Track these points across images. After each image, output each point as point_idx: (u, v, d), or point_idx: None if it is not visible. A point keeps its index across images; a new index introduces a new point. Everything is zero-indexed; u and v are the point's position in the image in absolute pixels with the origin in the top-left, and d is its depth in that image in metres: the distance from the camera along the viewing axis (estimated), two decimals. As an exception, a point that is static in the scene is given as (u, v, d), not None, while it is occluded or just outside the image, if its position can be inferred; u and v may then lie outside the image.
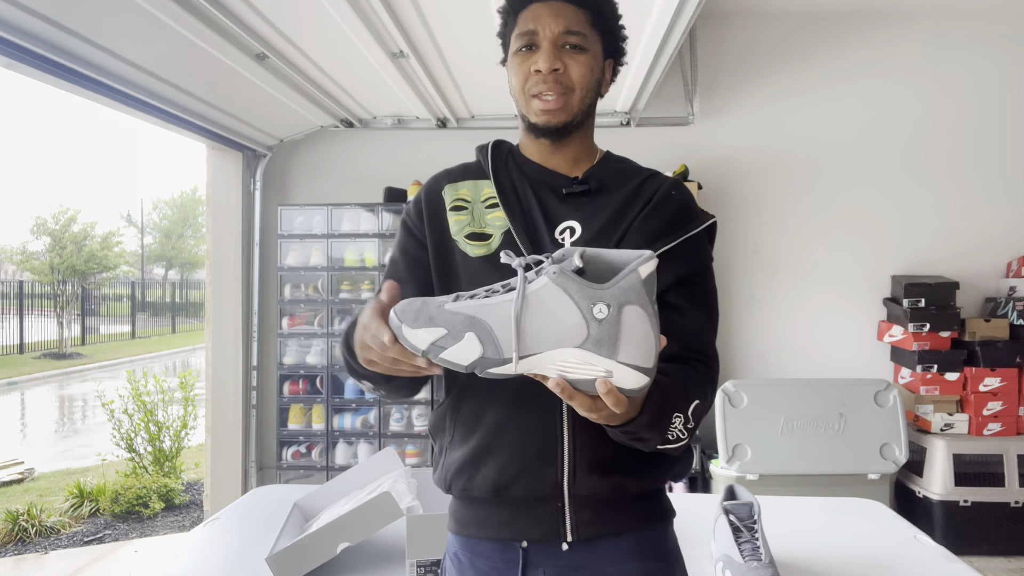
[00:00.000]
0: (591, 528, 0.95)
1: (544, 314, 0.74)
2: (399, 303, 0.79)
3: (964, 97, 3.76)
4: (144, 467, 4.83)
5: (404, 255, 1.08)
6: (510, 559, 0.97)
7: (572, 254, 0.76)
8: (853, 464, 3.17)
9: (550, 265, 0.75)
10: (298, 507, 1.76)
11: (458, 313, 0.76)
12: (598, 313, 0.73)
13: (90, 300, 17.76)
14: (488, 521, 0.98)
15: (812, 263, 3.82)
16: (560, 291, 0.74)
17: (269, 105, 3.30)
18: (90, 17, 2.18)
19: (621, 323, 0.73)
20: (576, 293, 0.73)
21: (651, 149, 3.78)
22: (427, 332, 0.75)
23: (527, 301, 0.74)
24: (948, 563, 1.52)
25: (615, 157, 1.10)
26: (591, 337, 0.73)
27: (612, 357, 0.73)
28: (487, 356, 0.74)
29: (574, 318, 0.73)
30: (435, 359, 0.76)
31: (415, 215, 1.07)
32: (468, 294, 0.78)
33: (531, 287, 0.75)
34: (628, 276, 0.74)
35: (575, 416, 0.93)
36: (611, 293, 0.73)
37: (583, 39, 1.00)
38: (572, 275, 0.74)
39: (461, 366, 0.75)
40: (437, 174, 1.10)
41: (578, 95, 1.00)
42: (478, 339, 0.74)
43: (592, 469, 0.94)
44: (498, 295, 0.76)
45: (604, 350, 0.73)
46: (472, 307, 0.76)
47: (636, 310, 0.73)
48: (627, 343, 0.73)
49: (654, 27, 2.45)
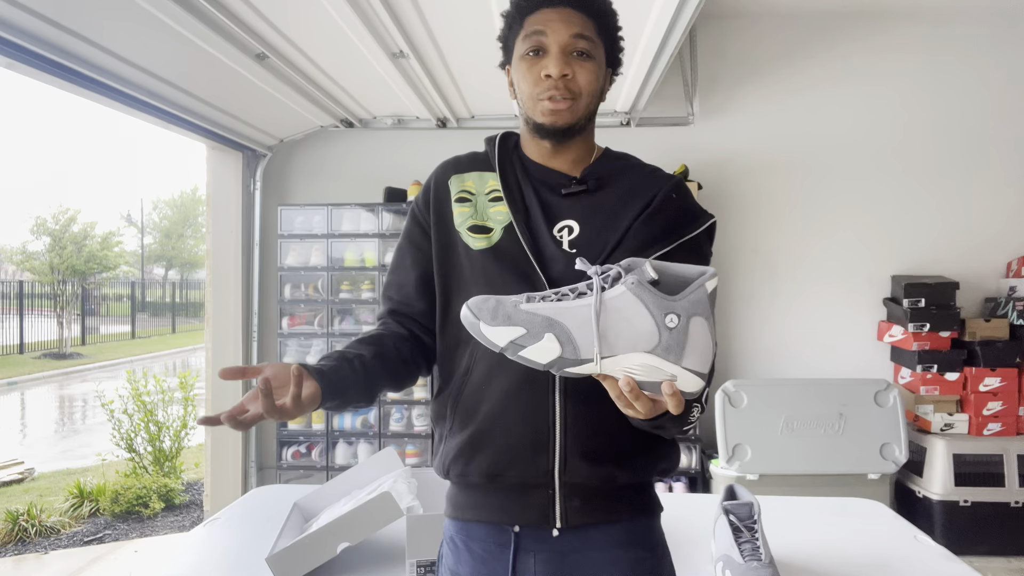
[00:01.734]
0: (580, 515, 0.99)
1: (621, 320, 0.80)
2: (472, 299, 0.84)
3: (964, 97, 3.76)
4: (144, 467, 4.83)
5: (409, 243, 1.12)
6: (502, 542, 1.01)
7: (643, 265, 0.82)
8: (853, 464, 3.17)
9: (626, 275, 0.81)
10: (298, 507, 1.76)
11: (535, 314, 0.81)
12: (669, 322, 0.80)
13: (90, 300, 17.75)
14: (482, 505, 1.02)
15: (812, 263, 3.82)
16: (637, 300, 0.80)
17: (269, 105, 3.30)
18: (90, 17, 2.18)
19: (689, 332, 0.80)
20: (651, 303, 0.80)
21: (651, 149, 3.78)
22: (507, 330, 0.81)
23: (605, 306, 0.81)
24: (948, 563, 1.52)
25: (614, 154, 1.12)
26: (662, 343, 0.80)
27: (678, 363, 0.80)
28: (565, 356, 0.80)
29: (648, 325, 0.80)
30: (512, 356, 0.82)
31: (422, 203, 1.11)
32: (538, 296, 0.84)
33: (608, 294, 0.81)
34: (697, 290, 0.81)
35: (568, 407, 0.98)
36: (682, 305, 0.80)
37: (591, 46, 1.02)
38: (648, 286, 0.81)
39: (539, 364, 0.81)
40: (447, 161, 1.13)
41: (584, 101, 1.02)
42: (557, 340, 0.80)
43: (583, 459, 0.97)
44: (569, 300, 0.82)
45: (672, 356, 0.80)
46: (549, 309, 0.82)
47: (701, 321, 0.81)
48: (692, 351, 0.80)
49: (654, 27, 2.45)
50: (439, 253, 1.06)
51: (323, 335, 3.72)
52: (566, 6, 1.01)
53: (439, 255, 1.06)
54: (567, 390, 0.97)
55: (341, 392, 0.94)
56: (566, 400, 0.97)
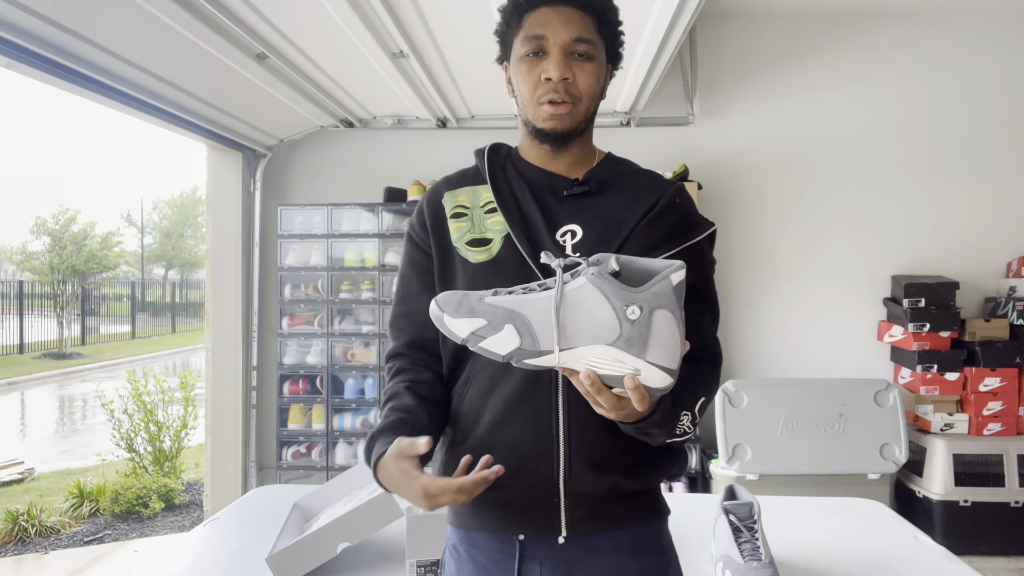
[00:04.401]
0: (586, 524, 0.97)
1: (581, 312, 0.79)
2: (441, 294, 0.84)
3: (964, 97, 3.76)
4: (144, 467, 4.83)
5: (413, 268, 1.09)
6: (507, 551, 0.99)
7: (608, 259, 0.80)
8: (853, 464, 3.17)
9: (588, 267, 0.80)
10: (298, 507, 1.76)
11: (497, 306, 0.81)
12: (631, 314, 0.78)
13: (90, 300, 17.75)
14: (485, 515, 1.00)
15: (812, 263, 3.82)
16: (597, 291, 0.79)
17: (269, 105, 3.30)
18: (90, 17, 2.18)
19: (652, 325, 0.78)
20: (612, 294, 0.79)
21: (651, 149, 3.78)
22: (467, 322, 0.81)
23: (565, 298, 0.80)
24: (948, 563, 1.52)
25: (616, 159, 1.10)
26: (623, 336, 0.78)
27: (641, 356, 0.78)
28: (524, 347, 0.80)
29: (608, 317, 0.78)
30: (473, 347, 0.81)
31: (418, 227, 1.08)
32: (506, 290, 0.83)
33: (569, 286, 0.80)
34: (661, 282, 0.79)
35: (571, 415, 0.95)
36: (644, 296, 0.79)
37: (591, 47, 1.00)
38: (609, 277, 0.79)
39: (499, 355, 0.80)
40: (437, 183, 1.11)
41: (584, 104, 1.01)
42: (516, 331, 0.80)
43: (587, 467, 0.96)
44: (535, 293, 0.81)
45: (634, 349, 0.78)
46: (511, 301, 0.81)
47: (666, 314, 0.79)
48: (656, 344, 0.78)
49: (654, 27, 2.45)
50: (440, 272, 1.04)
51: (323, 335, 3.72)
52: (566, 5, 0.99)
53: (440, 274, 1.04)
54: (570, 397, 0.95)
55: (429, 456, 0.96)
56: (569, 408, 0.95)
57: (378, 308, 3.73)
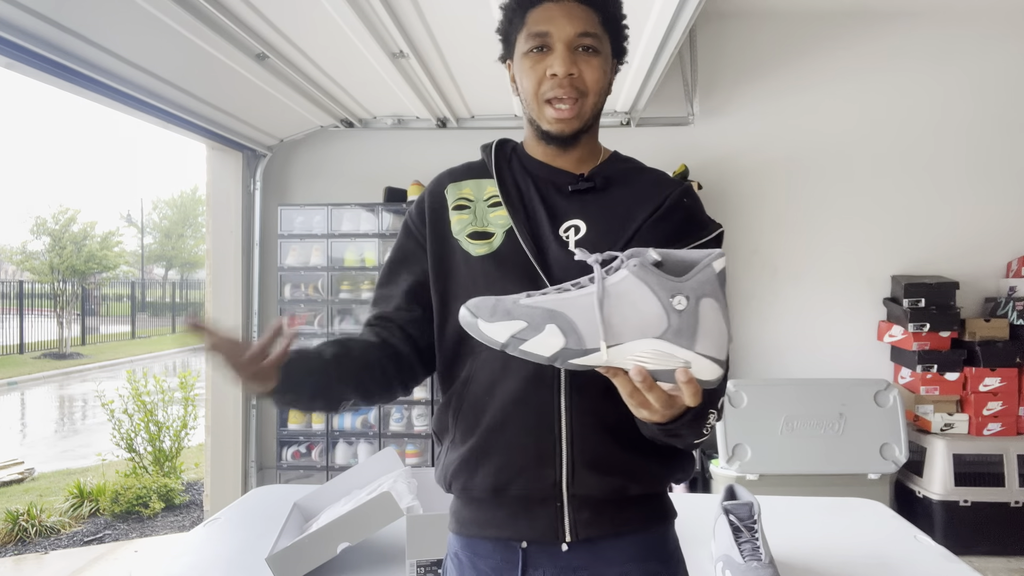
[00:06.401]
0: (590, 528, 0.94)
1: (625, 305, 0.75)
2: (470, 300, 0.80)
3: (964, 97, 3.76)
4: (144, 467, 4.83)
5: (401, 255, 1.08)
6: (510, 560, 0.97)
7: (645, 251, 0.78)
8: (853, 464, 3.17)
9: (628, 260, 0.77)
10: (298, 507, 1.76)
11: (536, 307, 0.77)
12: (677, 304, 0.75)
13: (90, 300, 17.75)
14: (488, 521, 0.98)
15: (812, 263, 3.82)
16: (641, 283, 0.75)
17: (269, 105, 3.30)
18: (90, 17, 2.18)
19: (699, 314, 0.75)
20: (656, 285, 0.75)
21: (651, 149, 3.77)
22: (505, 326, 0.76)
23: (607, 293, 0.76)
24: (948, 563, 1.52)
25: (622, 157, 1.10)
26: (671, 328, 0.75)
27: (691, 348, 0.75)
28: (569, 347, 0.75)
29: (655, 309, 0.75)
30: (514, 352, 0.77)
31: (416, 216, 1.07)
32: (539, 292, 0.79)
33: (610, 280, 0.77)
34: (704, 269, 0.76)
35: (573, 416, 0.94)
36: (689, 285, 0.75)
37: (596, 41, 0.98)
38: (652, 268, 0.76)
39: (543, 357, 0.76)
40: (441, 174, 1.10)
41: (591, 99, 0.99)
42: (560, 330, 0.75)
43: (591, 469, 0.93)
44: (570, 292, 0.78)
45: (683, 340, 0.75)
46: (549, 301, 0.77)
47: (712, 303, 0.76)
48: (704, 334, 0.75)
49: (654, 27, 2.45)
50: (436, 264, 1.02)
51: (323, 335, 3.72)
52: None
53: (436, 266, 1.02)
54: (573, 397, 0.94)
55: (295, 385, 0.89)
56: (572, 408, 0.94)
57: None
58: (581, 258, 0.80)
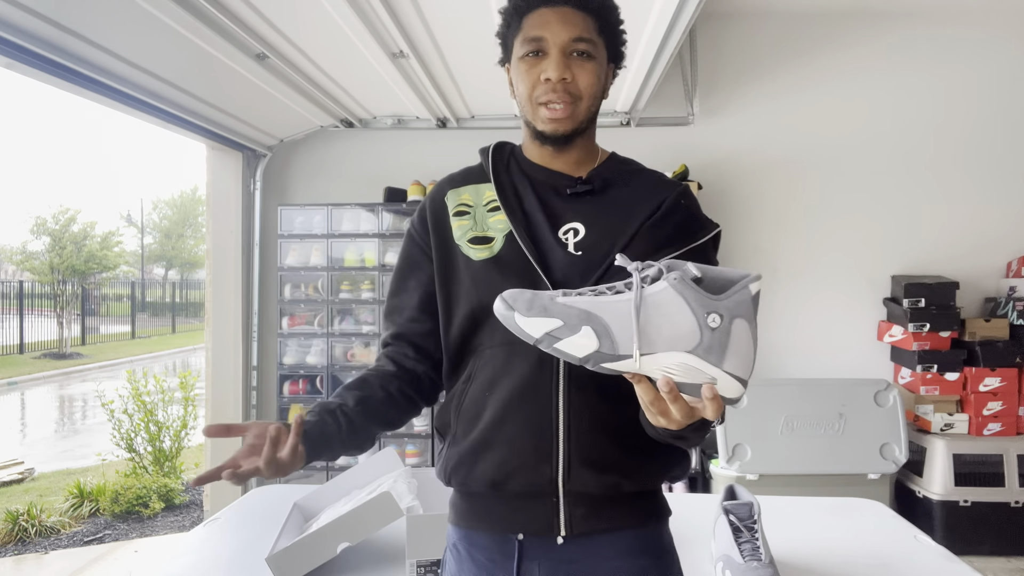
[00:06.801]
0: (585, 524, 0.97)
1: (661, 317, 0.77)
2: (507, 291, 0.81)
3: (964, 97, 3.76)
4: (144, 467, 4.83)
5: (408, 264, 1.10)
6: (506, 552, 0.99)
7: (685, 265, 0.79)
8: (853, 464, 3.17)
9: (668, 272, 0.78)
10: (298, 507, 1.76)
11: (572, 307, 0.78)
12: (712, 322, 0.77)
13: (90, 300, 17.75)
14: (485, 514, 1.01)
15: (812, 263, 3.82)
16: (679, 297, 0.77)
17: (269, 105, 3.30)
18: (90, 17, 2.18)
19: (731, 334, 0.77)
20: (693, 300, 0.77)
21: (651, 149, 3.78)
22: (542, 322, 0.77)
23: (645, 302, 0.77)
24: (948, 563, 1.52)
25: (620, 158, 1.10)
26: (703, 344, 0.76)
27: (719, 365, 0.77)
28: (602, 351, 0.77)
29: (690, 324, 0.77)
30: (547, 348, 0.78)
31: (419, 224, 1.09)
32: (574, 292, 0.81)
33: (649, 290, 0.78)
34: (741, 291, 0.78)
35: (572, 415, 0.95)
36: (725, 305, 0.77)
37: (591, 46, 0.99)
38: (691, 283, 0.78)
39: (575, 358, 0.78)
40: (441, 180, 1.12)
41: (585, 103, 1.01)
42: (595, 333, 0.77)
43: (587, 467, 0.95)
44: (607, 296, 0.79)
45: (713, 357, 0.77)
46: (586, 303, 0.78)
47: (744, 324, 0.78)
48: (733, 353, 0.77)
49: (654, 27, 2.45)
50: (440, 270, 1.04)
51: (323, 335, 3.72)
52: (565, 5, 0.98)
53: (440, 272, 1.04)
54: (571, 397, 0.95)
55: (325, 447, 0.95)
56: (570, 407, 0.95)
57: (378, 308, 3.72)
58: (621, 263, 0.81)
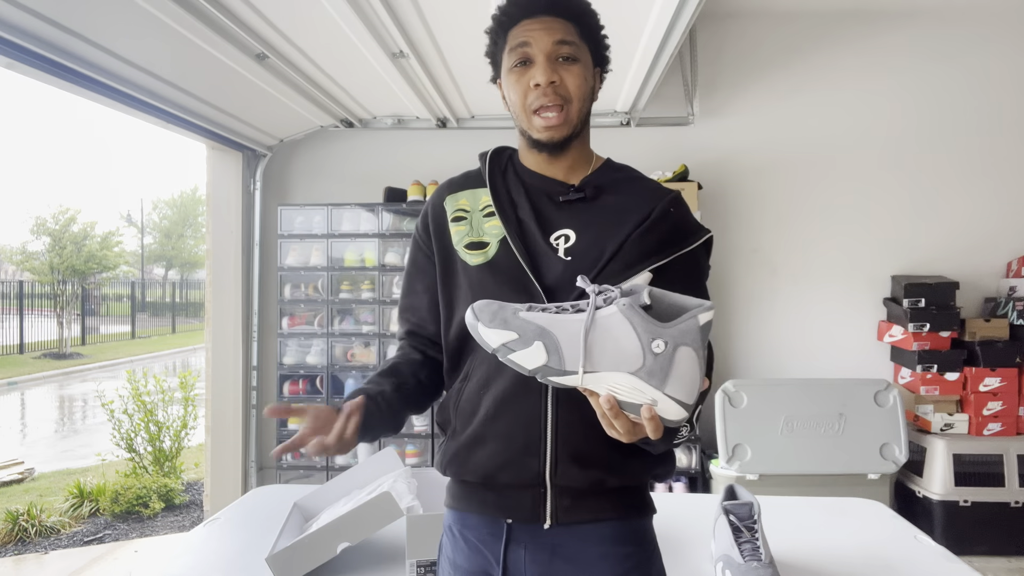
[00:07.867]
0: (569, 514, 1.01)
1: (608, 339, 0.83)
2: (478, 302, 0.87)
3: (965, 96, 3.76)
4: (144, 467, 4.83)
5: (415, 268, 1.16)
6: (495, 533, 1.04)
7: (642, 290, 0.85)
8: (853, 464, 3.17)
9: (620, 297, 0.83)
10: (298, 507, 1.76)
11: (530, 322, 0.84)
12: (656, 348, 0.82)
13: (90, 300, 17.75)
14: (477, 501, 1.06)
15: (812, 263, 3.82)
16: (626, 321, 0.82)
17: (269, 105, 3.30)
18: (90, 17, 2.18)
19: (674, 360, 0.82)
20: (640, 326, 0.82)
21: (651, 149, 3.78)
22: (500, 334, 0.84)
23: (596, 323, 0.83)
24: (948, 563, 1.52)
25: (615, 165, 1.13)
26: (645, 367, 0.82)
27: (660, 388, 0.82)
28: (550, 365, 0.83)
29: (634, 347, 0.82)
30: (502, 358, 0.85)
31: (422, 229, 1.14)
32: (540, 307, 0.86)
33: (601, 312, 0.84)
34: (688, 320, 0.83)
35: (559, 413, 1.00)
36: (670, 332, 0.82)
37: (575, 50, 1.04)
38: (639, 310, 0.83)
39: (525, 369, 0.84)
40: (441, 185, 1.16)
41: (576, 105, 1.04)
42: (545, 348, 0.83)
43: (572, 462, 1.00)
44: (567, 314, 0.84)
45: (654, 380, 0.82)
46: (544, 319, 0.84)
47: (689, 351, 0.82)
48: (675, 378, 0.82)
49: (654, 27, 2.45)
50: (442, 274, 1.09)
51: (323, 335, 3.72)
52: (546, 14, 1.03)
53: (442, 277, 1.09)
54: (560, 396, 0.99)
55: (368, 431, 1.01)
56: (558, 406, 1.00)
57: (378, 308, 3.73)
58: (581, 285, 0.86)
